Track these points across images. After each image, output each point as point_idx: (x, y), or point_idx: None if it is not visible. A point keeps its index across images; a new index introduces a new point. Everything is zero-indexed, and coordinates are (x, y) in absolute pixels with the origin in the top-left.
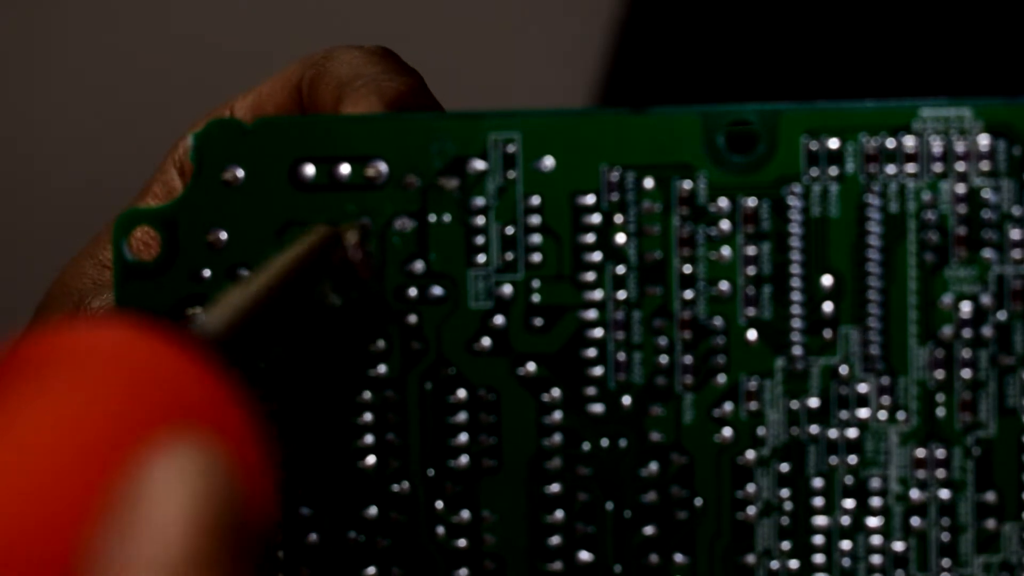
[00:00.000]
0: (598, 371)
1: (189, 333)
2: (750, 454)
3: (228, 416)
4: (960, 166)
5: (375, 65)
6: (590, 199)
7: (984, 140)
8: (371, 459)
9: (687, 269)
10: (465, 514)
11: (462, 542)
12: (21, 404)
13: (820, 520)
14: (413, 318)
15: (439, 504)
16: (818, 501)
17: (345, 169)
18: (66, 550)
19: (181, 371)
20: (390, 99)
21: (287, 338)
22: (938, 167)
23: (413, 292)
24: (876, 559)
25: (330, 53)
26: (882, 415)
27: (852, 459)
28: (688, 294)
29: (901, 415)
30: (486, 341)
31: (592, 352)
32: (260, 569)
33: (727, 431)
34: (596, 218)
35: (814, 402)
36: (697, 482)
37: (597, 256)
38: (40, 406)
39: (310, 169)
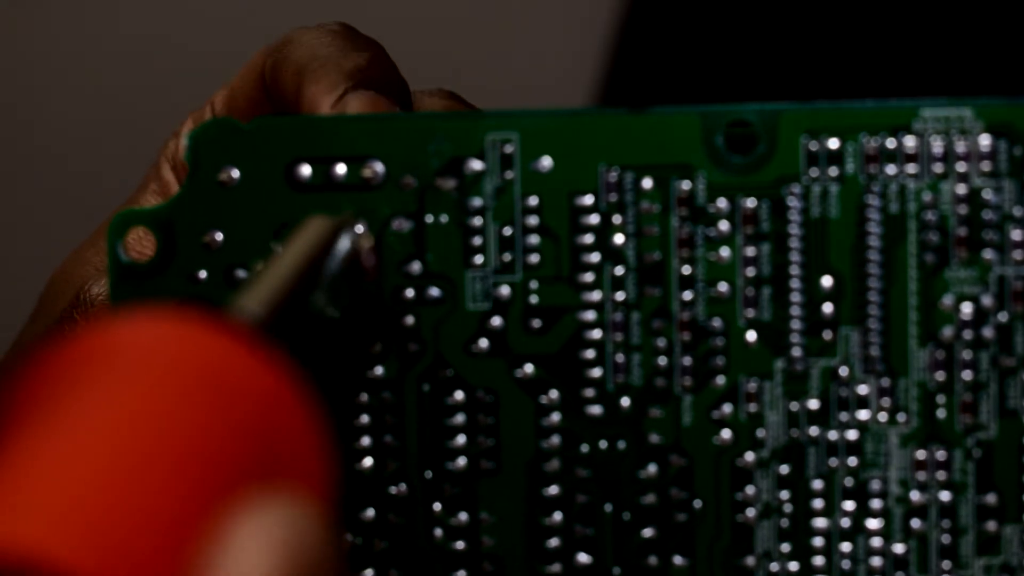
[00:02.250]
0: (597, 372)
1: (240, 322)
2: (749, 456)
3: (303, 435)
4: (961, 166)
5: (332, 44)
6: (588, 200)
7: (985, 140)
8: (368, 461)
9: (686, 270)
10: (463, 516)
11: (460, 544)
12: (82, 409)
13: (820, 522)
14: (410, 319)
15: (437, 506)
16: (818, 503)
17: (341, 169)
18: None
19: (246, 367)
20: (349, 73)
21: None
22: (939, 167)
23: (410, 293)
24: (876, 561)
25: (288, 37)
26: (882, 417)
27: (852, 461)
28: (687, 295)
29: (901, 417)
30: (484, 342)
31: (591, 353)
32: None
33: (726, 433)
34: (594, 219)
35: (814, 404)
36: (696, 484)
37: (595, 257)
38: (107, 411)
39: (306, 169)
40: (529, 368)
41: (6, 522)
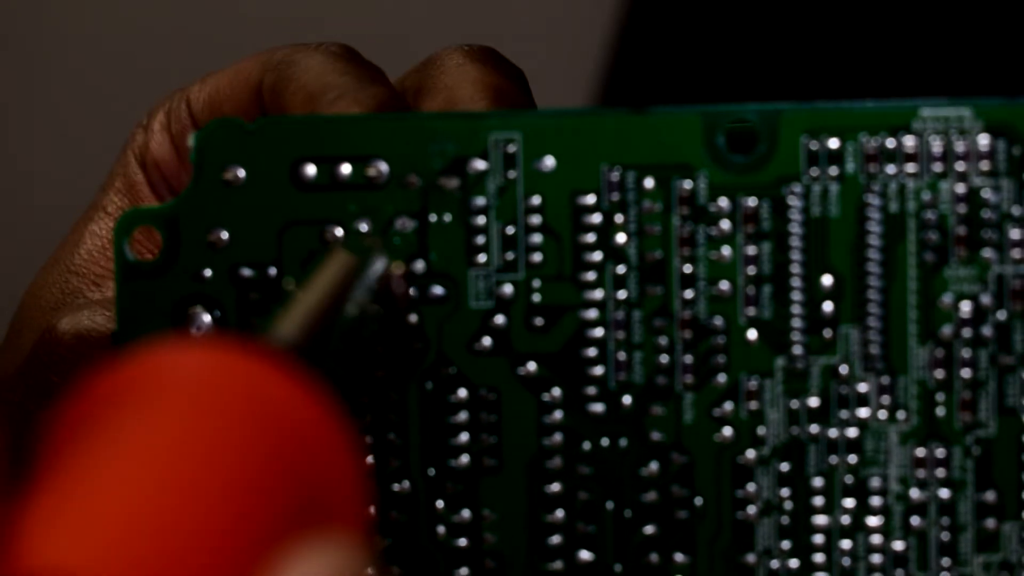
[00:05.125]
0: (598, 370)
1: (279, 351)
2: (750, 453)
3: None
4: (960, 166)
5: (342, 73)
6: (590, 199)
7: (984, 140)
8: (371, 459)
9: (687, 269)
10: (466, 513)
11: (462, 541)
12: (127, 438)
13: (820, 519)
14: (414, 318)
15: (439, 503)
16: (818, 500)
17: (346, 169)
18: None
19: (289, 399)
20: (367, 109)
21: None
22: (938, 167)
23: (413, 292)
24: (876, 558)
25: (290, 58)
26: (882, 414)
27: (852, 458)
28: (688, 294)
29: (901, 414)
30: (487, 341)
31: (592, 352)
32: None
33: (727, 430)
34: (596, 218)
35: (814, 401)
36: (697, 481)
37: (597, 256)
38: (151, 441)
39: (311, 169)
40: (532, 366)
41: (47, 549)
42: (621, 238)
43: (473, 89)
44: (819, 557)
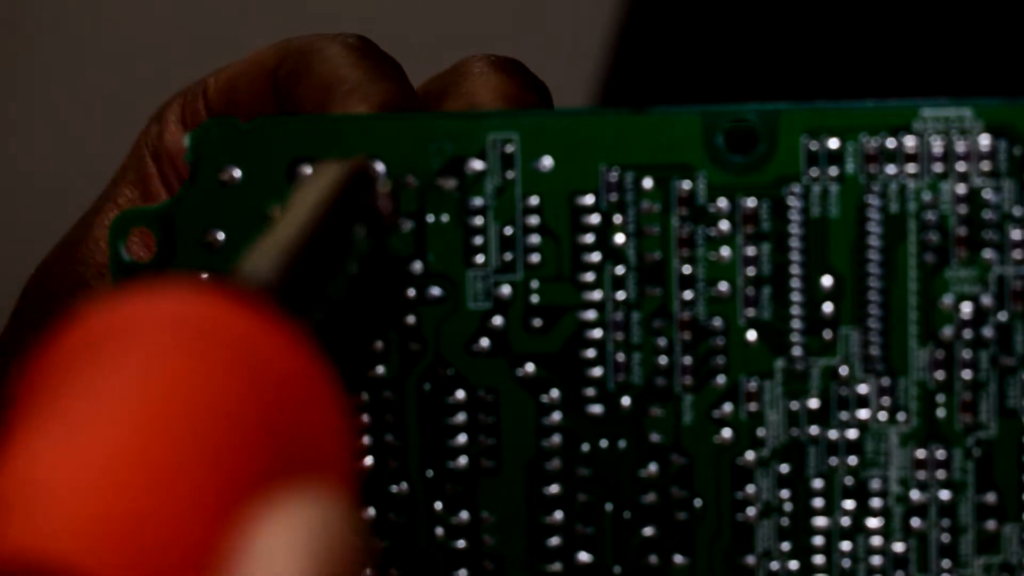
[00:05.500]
0: (597, 372)
1: (247, 288)
2: (750, 455)
3: (324, 405)
4: (961, 166)
5: (356, 67)
6: (589, 199)
7: (985, 140)
8: (369, 460)
9: (686, 270)
10: (464, 515)
11: (461, 543)
12: (100, 391)
13: (820, 521)
14: (412, 319)
15: (438, 505)
16: (818, 502)
17: None
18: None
19: (269, 343)
20: (379, 105)
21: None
22: (938, 167)
23: (411, 292)
24: (876, 560)
25: (309, 46)
26: (882, 416)
27: (852, 460)
28: (687, 295)
29: (901, 416)
30: (485, 342)
31: (591, 353)
32: None
33: (727, 432)
34: (595, 218)
35: (814, 403)
36: (697, 483)
37: (596, 256)
38: (128, 392)
39: (308, 169)
40: (530, 367)
41: (15, 524)
42: (620, 239)
43: (491, 97)
44: (819, 559)
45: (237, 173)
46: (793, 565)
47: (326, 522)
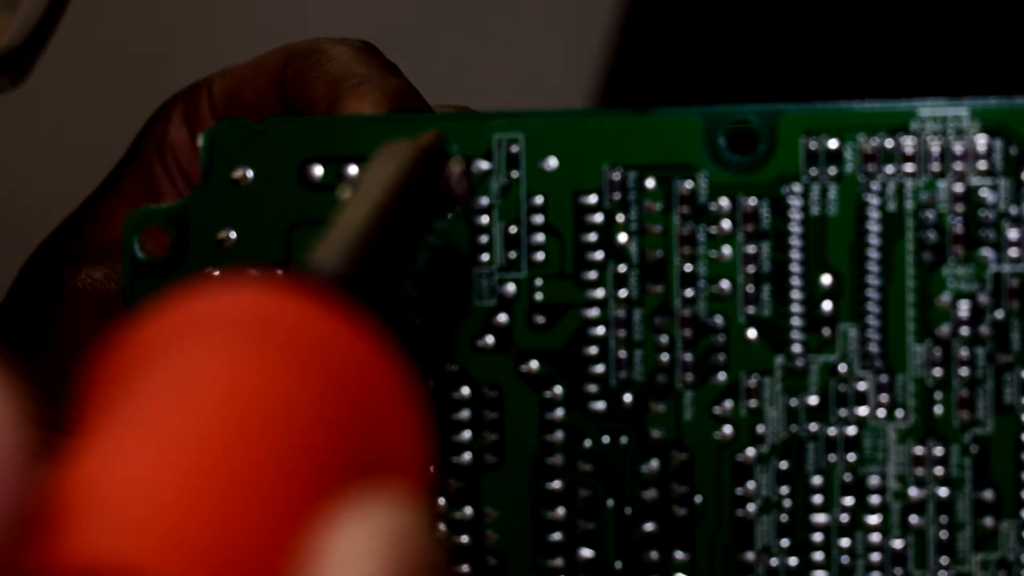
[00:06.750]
0: (599, 368)
1: (321, 282)
2: (750, 451)
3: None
4: (957, 166)
5: (366, 64)
6: (592, 199)
7: (981, 140)
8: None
9: (688, 268)
10: (467, 510)
11: (464, 538)
12: (175, 386)
13: (819, 517)
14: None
15: (441, 500)
16: (817, 498)
17: (353, 169)
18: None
19: (344, 339)
20: (391, 96)
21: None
22: (936, 167)
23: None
24: (875, 556)
25: (316, 46)
26: (880, 413)
27: (851, 456)
28: (689, 292)
29: (899, 413)
30: (489, 338)
31: (594, 350)
32: None
33: (727, 428)
34: (598, 217)
35: (813, 400)
36: (697, 479)
37: (599, 255)
38: (200, 391)
39: (318, 170)
40: (534, 364)
41: (89, 527)
42: (622, 237)
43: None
44: (818, 555)
45: (249, 173)
46: (792, 561)
47: (406, 526)
